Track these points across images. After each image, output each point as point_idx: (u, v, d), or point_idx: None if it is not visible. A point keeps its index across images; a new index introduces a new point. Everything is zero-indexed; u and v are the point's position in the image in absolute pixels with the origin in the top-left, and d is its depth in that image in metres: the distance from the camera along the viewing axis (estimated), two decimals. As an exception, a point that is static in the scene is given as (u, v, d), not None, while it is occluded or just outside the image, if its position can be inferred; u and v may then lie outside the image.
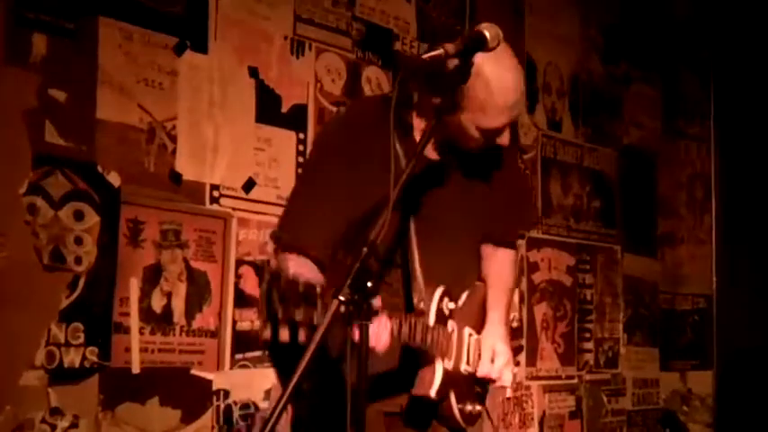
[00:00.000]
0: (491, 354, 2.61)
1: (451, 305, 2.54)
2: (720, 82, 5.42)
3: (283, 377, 3.08)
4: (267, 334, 1.86)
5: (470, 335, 2.61)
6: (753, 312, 5.09)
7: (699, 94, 5.46)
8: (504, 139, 2.50)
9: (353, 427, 1.85)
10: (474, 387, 2.65)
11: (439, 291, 2.50)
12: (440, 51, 2.11)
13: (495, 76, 2.34)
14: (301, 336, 1.89)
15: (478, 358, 2.60)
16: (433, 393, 2.47)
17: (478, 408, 2.64)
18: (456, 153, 2.57)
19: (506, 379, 2.64)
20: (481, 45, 2.16)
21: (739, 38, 5.28)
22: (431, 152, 2.58)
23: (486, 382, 2.67)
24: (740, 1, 5.26)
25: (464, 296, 2.61)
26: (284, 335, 1.90)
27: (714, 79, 5.44)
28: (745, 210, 5.23)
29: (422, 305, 2.46)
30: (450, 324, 2.54)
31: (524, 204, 3.16)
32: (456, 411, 2.57)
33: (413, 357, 2.50)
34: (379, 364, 2.36)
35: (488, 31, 2.16)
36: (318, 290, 1.87)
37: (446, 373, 2.50)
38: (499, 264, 2.78)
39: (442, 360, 2.49)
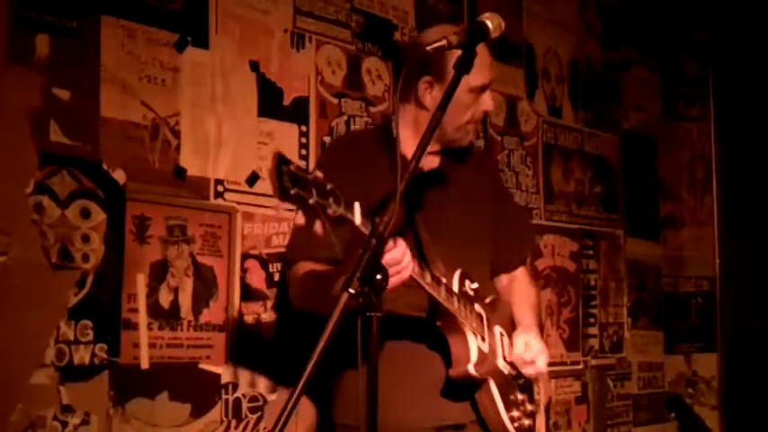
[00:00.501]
0: (525, 344, 2.62)
1: (474, 285, 2.53)
2: (719, 64, 5.43)
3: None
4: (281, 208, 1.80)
5: (502, 334, 2.61)
6: (756, 293, 5.12)
7: (698, 76, 5.47)
8: (489, 102, 2.60)
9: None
10: (519, 396, 2.61)
11: (458, 273, 2.50)
12: (443, 42, 2.13)
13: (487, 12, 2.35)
14: (318, 227, 1.82)
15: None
16: (471, 369, 2.42)
17: (527, 422, 2.60)
18: (452, 159, 2.66)
19: (541, 362, 2.63)
20: (484, 35, 2.18)
21: (737, 19, 5.28)
22: (431, 161, 2.63)
23: (530, 389, 2.65)
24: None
25: (489, 298, 2.62)
26: (300, 219, 1.87)
27: (713, 61, 5.45)
28: (745, 191, 5.24)
29: (444, 280, 2.42)
30: (479, 308, 2.53)
31: (523, 226, 3.21)
32: (501, 408, 2.51)
33: (441, 339, 2.47)
34: (403, 303, 2.39)
35: (490, 20, 2.18)
36: (329, 186, 1.81)
37: (482, 354, 2.46)
38: (518, 285, 2.83)
39: (475, 336, 2.46)
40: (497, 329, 2.60)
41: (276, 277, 3.20)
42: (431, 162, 2.68)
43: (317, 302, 2.34)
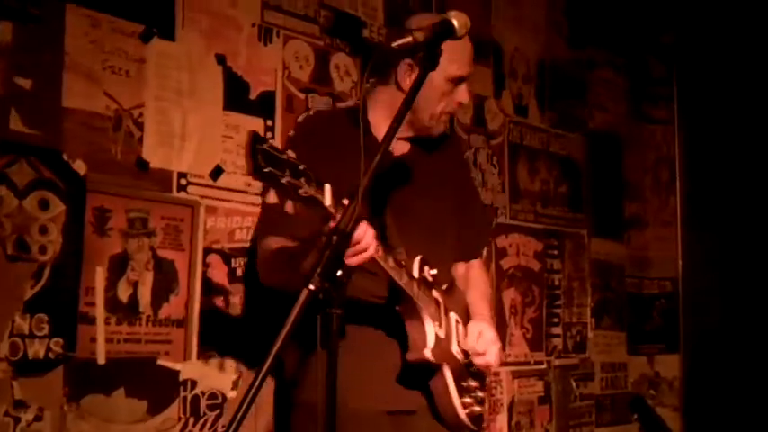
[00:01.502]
0: (478, 334, 2.63)
1: (434, 271, 2.53)
2: (684, 66, 5.47)
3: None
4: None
5: (457, 321, 2.62)
6: (719, 295, 5.15)
7: (663, 78, 5.50)
8: (464, 94, 2.62)
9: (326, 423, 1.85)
10: (472, 383, 2.63)
11: (418, 258, 2.50)
12: (409, 39, 2.13)
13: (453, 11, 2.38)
14: (288, 206, 1.88)
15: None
16: (428, 353, 2.43)
17: (478, 408, 2.62)
18: (421, 147, 2.67)
19: (491, 354, 2.65)
20: (449, 33, 2.18)
21: (703, 22, 5.32)
22: (401, 146, 2.62)
23: (483, 378, 2.67)
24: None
25: (445, 285, 2.63)
26: (271, 196, 1.89)
27: (678, 64, 5.49)
28: (709, 192, 5.28)
29: (404, 263, 2.43)
30: (436, 293, 2.54)
31: (484, 217, 3.23)
32: (454, 393, 2.54)
33: (399, 325, 2.49)
34: (364, 289, 2.39)
35: (456, 19, 2.19)
36: (302, 166, 1.85)
37: (438, 339, 2.47)
38: (473, 276, 2.83)
39: (432, 322, 2.47)
40: (453, 316, 2.61)
41: (239, 272, 3.17)
42: (401, 147, 2.69)
43: (285, 279, 2.36)
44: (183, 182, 3.04)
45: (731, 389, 4.95)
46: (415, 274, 2.47)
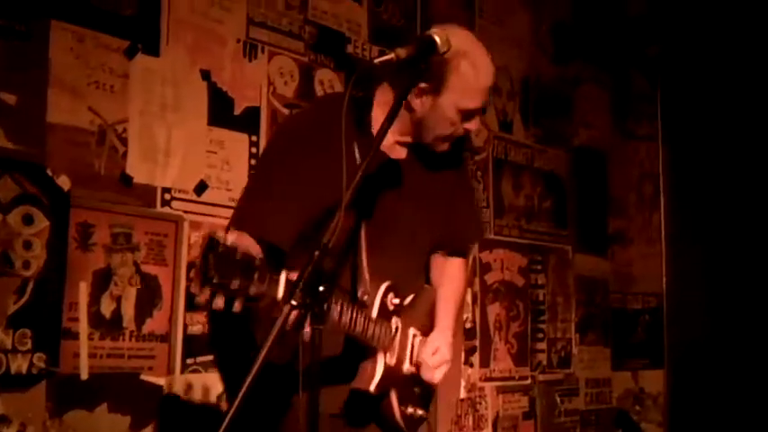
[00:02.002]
0: (434, 349, 2.63)
1: (396, 300, 2.53)
2: (668, 83, 5.51)
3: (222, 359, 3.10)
4: (202, 299, 1.84)
5: (415, 335, 2.61)
6: (703, 311, 5.16)
7: (647, 94, 5.54)
8: (474, 123, 2.56)
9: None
10: (416, 389, 2.65)
11: (384, 285, 2.49)
12: (391, 56, 2.14)
13: (481, 58, 2.45)
14: (237, 306, 1.87)
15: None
16: (372, 388, 2.44)
17: (420, 412, 2.63)
18: (420, 154, 2.63)
19: (438, 375, 2.62)
20: (432, 49, 2.19)
21: (686, 40, 5.36)
22: (398, 151, 2.61)
23: (429, 387, 2.68)
24: (687, 3, 5.34)
25: (410, 297, 2.62)
26: (219, 302, 1.90)
27: (662, 80, 5.53)
28: (693, 208, 5.31)
29: (366, 298, 2.44)
30: (395, 321, 2.54)
31: (476, 215, 3.21)
32: (397, 412, 2.55)
33: (356, 349, 2.47)
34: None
35: (438, 36, 2.19)
36: (257, 262, 1.88)
37: (387, 368, 2.48)
38: (450, 273, 2.81)
39: (384, 355, 2.47)
40: (411, 332, 2.59)
41: (223, 287, 3.17)
42: (399, 152, 2.64)
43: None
44: (167, 197, 3.04)
45: (715, 404, 4.96)
46: (377, 305, 2.46)
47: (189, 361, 3.06)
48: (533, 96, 4.83)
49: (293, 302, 1.81)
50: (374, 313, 2.45)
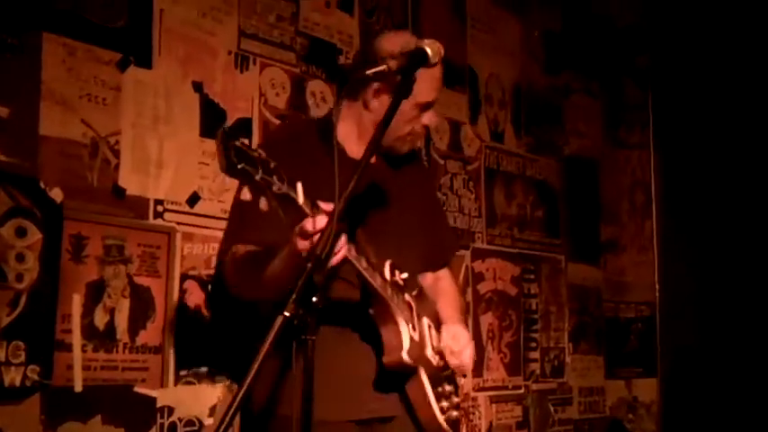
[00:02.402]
0: (453, 335, 2.64)
1: (404, 275, 2.54)
2: (659, 91, 5.53)
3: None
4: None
5: (429, 325, 2.62)
6: (696, 319, 5.18)
7: (638, 103, 5.56)
8: (430, 117, 2.65)
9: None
10: (444, 383, 2.63)
11: (388, 263, 2.50)
12: (383, 67, 2.17)
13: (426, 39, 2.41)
14: (263, 204, 1.89)
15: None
16: (405, 355, 2.40)
17: (455, 413, 2.62)
18: (388, 160, 2.70)
19: (466, 355, 2.65)
20: (423, 61, 2.21)
21: (677, 48, 5.38)
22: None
23: (455, 381, 2.67)
24: (677, 12, 5.37)
25: (415, 292, 2.64)
26: (246, 193, 1.89)
27: (653, 89, 5.55)
28: (685, 216, 5.32)
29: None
30: (408, 297, 2.54)
31: (448, 225, 3.27)
32: (432, 398, 2.51)
33: (372, 329, 2.48)
34: (336, 290, 2.38)
35: (430, 47, 2.22)
36: (273, 163, 1.88)
37: (413, 342, 2.45)
38: (443, 286, 2.86)
39: (407, 325, 2.45)
40: (425, 320, 2.61)
41: (216, 299, 3.18)
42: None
43: (252, 287, 2.39)
44: (160, 208, 3.05)
45: (709, 412, 4.97)
46: (387, 277, 2.47)
47: (182, 372, 3.06)
48: (525, 105, 4.85)
49: (286, 314, 1.82)
50: (387, 275, 2.45)
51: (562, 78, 5.16)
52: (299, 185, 1.98)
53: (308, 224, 2.05)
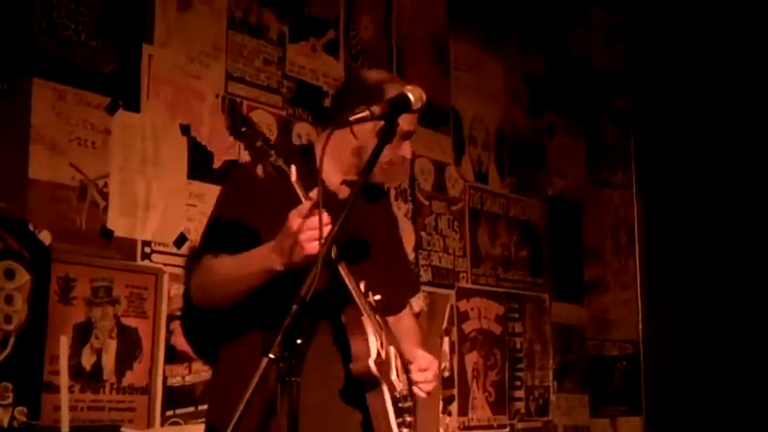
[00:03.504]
0: (419, 354, 2.65)
1: (377, 297, 2.57)
2: (640, 132, 5.61)
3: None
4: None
5: (396, 355, 2.63)
6: (680, 357, 5.21)
7: (620, 143, 5.64)
8: (409, 150, 2.72)
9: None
10: (404, 414, 2.64)
11: (363, 282, 2.53)
12: (365, 113, 2.20)
13: (411, 83, 2.48)
14: (259, 170, 2.21)
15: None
16: (371, 363, 2.43)
17: (409, 419, 2.62)
18: (363, 195, 2.69)
19: (432, 371, 2.65)
20: (405, 106, 2.27)
21: (658, 90, 5.47)
22: (344, 190, 2.70)
23: (415, 415, 2.68)
24: (657, 55, 5.46)
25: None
26: (259, 170, 2.19)
27: (634, 129, 5.63)
28: (667, 255, 5.37)
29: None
30: (380, 318, 2.57)
31: (409, 267, 3.32)
32: (391, 412, 2.51)
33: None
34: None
35: (412, 93, 2.28)
36: (272, 140, 2.22)
37: (379, 355, 2.47)
38: (405, 330, 2.87)
39: (375, 337, 2.47)
40: (392, 349, 2.63)
41: (202, 339, 3.21)
42: (344, 190, 2.73)
43: (229, 286, 2.47)
44: (148, 250, 3.08)
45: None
46: (362, 291, 2.51)
47: (168, 413, 3.08)
48: (508, 146, 4.91)
49: (271, 356, 1.85)
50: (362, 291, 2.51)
51: (545, 120, 5.23)
52: (293, 168, 2.20)
53: (304, 208, 2.21)
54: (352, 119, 2.18)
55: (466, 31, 4.66)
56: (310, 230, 2.19)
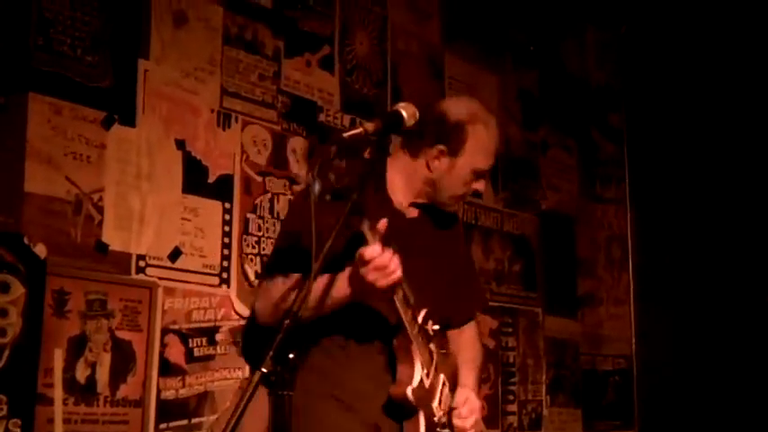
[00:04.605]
0: (465, 399, 2.76)
1: (436, 327, 2.65)
2: (634, 147, 5.64)
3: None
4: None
5: (444, 383, 2.69)
6: (672, 372, 5.23)
7: (613, 158, 5.67)
8: (482, 183, 2.82)
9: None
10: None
11: (424, 311, 2.61)
12: (360, 130, 2.24)
13: (491, 122, 2.77)
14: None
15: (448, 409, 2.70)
16: (409, 392, 2.53)
17: None
18: (429, 216, 2.86)
19: (471, 422, 2.74)
20: (399, 124, 2.29)
21: (651, 106, 5.51)
22: (412, 211, 2.82)
23: None
24: (650, 71, 5.50)
25: (443, 351, 2.72)
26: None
27: (628, 145, 5.66)
28: (660, 269, 5.40)
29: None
30: (433, 347, 2.62)
31: (479, 283, 3.39)
32: None
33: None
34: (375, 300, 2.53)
35: (405, 110, 2.30)
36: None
37: (422, 384, 2.56)
38: (465, 342, 2.96)
39: (422, 368, 2.56)
40: (442, 377, 2.68)
41: (196, 352, 3.22)
42: (411, 211, 2.83)
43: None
44: (142, 264, 3.10)
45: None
46: (419, 321, 2.59)
47: (162, 426, 3.09)
48: (502, 161, 4.92)
49: (263, 370, 1.87)
50: (419, 320, 2.58)
51: (539, 135, 5.25)
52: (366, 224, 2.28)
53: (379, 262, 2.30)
54: (346, 135, 2.21)
55: (460, 47, 4.69)
56: (380, 270, 2.33)
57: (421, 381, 2.57)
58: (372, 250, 2.31)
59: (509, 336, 4.83)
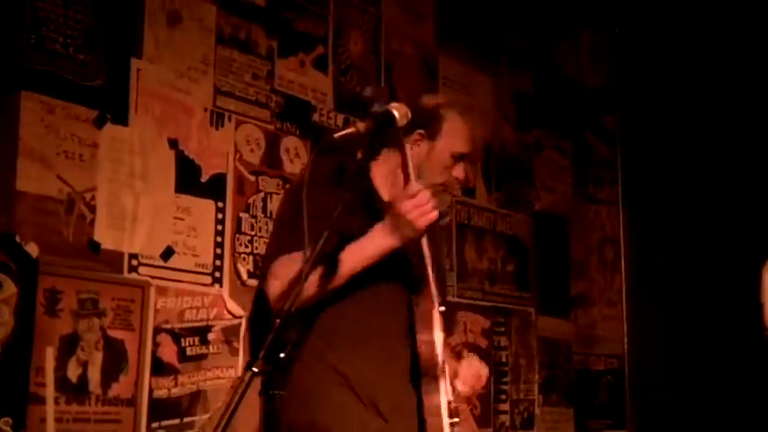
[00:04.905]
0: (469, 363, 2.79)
1: (442, 308, 2.69)
2: (627, 149, 5.65)
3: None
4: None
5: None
6: (665, 372, 5.24)
7: (607, 160, 5.67)
8: (461, 171, 2.78)
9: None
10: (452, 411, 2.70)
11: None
12: (351, 130, 2.23)
13: (475, 110, 2.81)
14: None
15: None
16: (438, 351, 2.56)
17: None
18: None
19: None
20: (390, 124, 2.30)
21: (645, 108, 5.52)
22: None
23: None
24: (644, 74, 5.51)
25: None
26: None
27: (621, 146, 5.68)
28: (653, 270, 5.41)
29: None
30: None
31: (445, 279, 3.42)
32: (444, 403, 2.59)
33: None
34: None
35: (397, 110, 2.30)
36: None
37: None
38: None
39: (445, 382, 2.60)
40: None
41: (189, 352, 3.22)
42: None
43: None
44: (134, 263, 3.10)
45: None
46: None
47: (154, 425, 3.09)
48: (496, 162, 4.93)
49: (254, 369, 1.87)
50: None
51: (533, 135, 5.26)
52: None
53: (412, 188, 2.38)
54: (337, 135, 2.21)
55: (455, 48, 4.69)
56: (419, 208, 2.39)
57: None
58: (417, 184, 2.39)
59: (502, 335, 4.84)
